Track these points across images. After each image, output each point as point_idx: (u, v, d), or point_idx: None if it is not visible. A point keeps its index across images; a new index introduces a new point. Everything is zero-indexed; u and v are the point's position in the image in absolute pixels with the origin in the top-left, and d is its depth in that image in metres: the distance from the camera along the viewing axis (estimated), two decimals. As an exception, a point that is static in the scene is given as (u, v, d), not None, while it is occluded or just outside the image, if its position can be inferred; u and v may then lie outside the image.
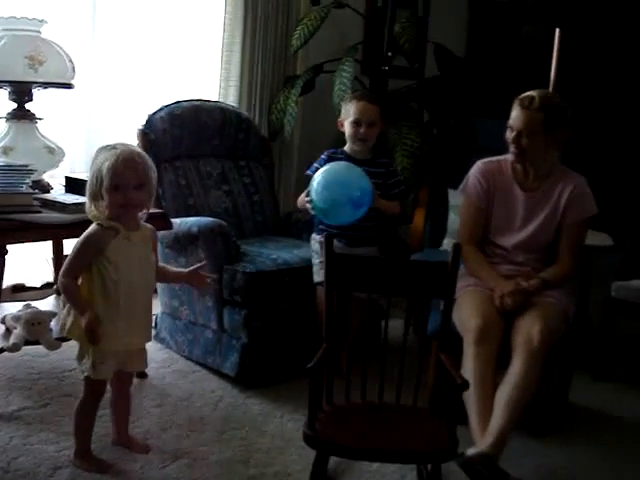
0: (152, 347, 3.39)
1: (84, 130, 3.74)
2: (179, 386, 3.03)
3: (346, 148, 3.18)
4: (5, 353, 2.79)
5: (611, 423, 3.06)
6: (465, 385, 2.07)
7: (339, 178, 2.89)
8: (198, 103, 3.62)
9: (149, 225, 2.38)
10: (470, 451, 2.33)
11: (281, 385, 3.10)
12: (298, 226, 3.72)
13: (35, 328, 2.76)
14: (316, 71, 4.08)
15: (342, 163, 3.00)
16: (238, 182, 3.69)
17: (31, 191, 2.68)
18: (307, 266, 3.17)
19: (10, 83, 2.86)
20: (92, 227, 2.24)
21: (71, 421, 2.58)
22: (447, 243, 3.83)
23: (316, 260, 3.13)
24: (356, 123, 3.10)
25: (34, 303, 3.18)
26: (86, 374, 2.30)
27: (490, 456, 2.32)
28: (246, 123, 3.77)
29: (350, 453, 2.08)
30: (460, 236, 2.98)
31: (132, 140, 3.49)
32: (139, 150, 2.30)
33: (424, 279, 2.30)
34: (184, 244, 3.14)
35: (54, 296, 3.33)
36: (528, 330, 2.59)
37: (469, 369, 2.54)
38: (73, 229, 2.69)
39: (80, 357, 2.31)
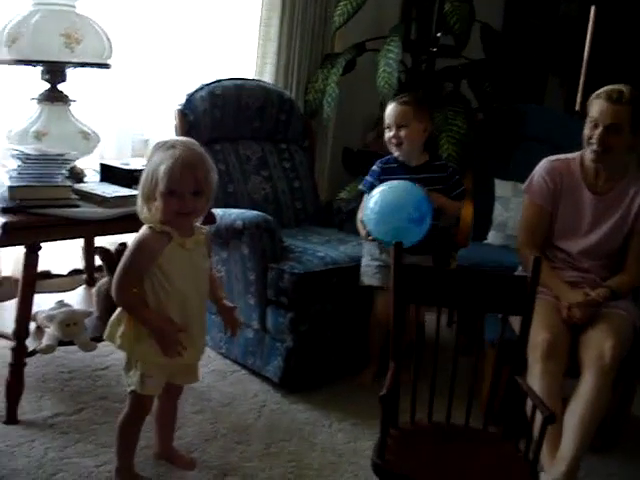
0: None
1: (116, 112, 3.50)
2: (219, 389, 2.86)
3: (396, 155, 2.98)
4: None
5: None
6: (551, 419, 1.90)
7: (390, 207, 2.71)
8: (240, 82, 3.40)
9: (204, 228, 2.19)
10: (543, 479, 2.18)
11: (326, 389, 2.95)
12: (340, 216, 3.53)
13: (70, 329, 2.57)
14: (359, 50, 3.85)
15: (383, 189, 2.78)
16: (278, 167, 3.49)
17: (68, 184, 2.47)
18: (355, 265, 2.99)
19: (45, 63, 2.64)
20: (144, 230, 2.03)
21: (108, 430, 2.46)
22: (492, 236, 3.65)
23: (369, 261, 2.95)
24: (387, 127, 2.94)
25: (63, 295, 3.02)
26: (132, 388, 2.12)
27: (567, 486, 2.18)
28: (289, 104, 3.55)
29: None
30: (521, 238, 2.79)
31: (169, 121, 3.29)
32: (200, 151, 2.08)
33: (500, 293, 2.12)
34: (226, 238, 2.94)
35: (84, 287, 3.16)
36: (599, 345, 2.42)
37: (537, 387, 2.37)
38: (114, 225, 2.53)
39: (127, 369, 2.13)
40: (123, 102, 3.51)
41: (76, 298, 3.05)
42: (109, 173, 2.80)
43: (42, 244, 2.46)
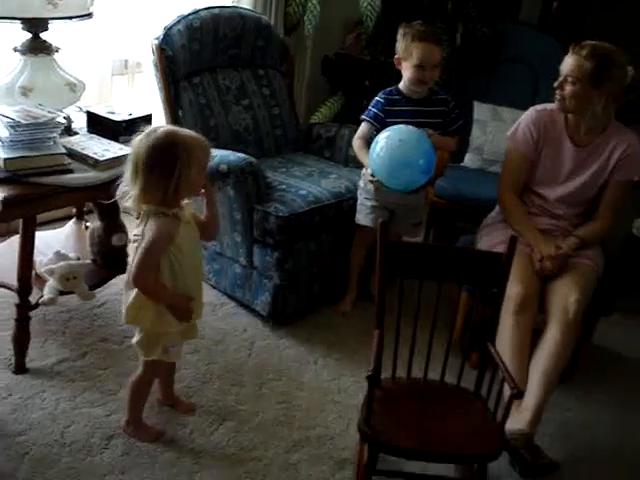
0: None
1: (95, 35, 3.43)
2: (210, 325, 3.05)
3: (402, 87, 2.99)
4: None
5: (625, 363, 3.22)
6: (519, 395, 2.12)
7: (400, 163, 2.75)
8: (217, 11, 3.34)
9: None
10: (509, 428, 2.43)
11: (310, 320, 3.18)
12: (320, 142, 3.60)
13: (70, 282, 2.69)
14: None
15: (391, 139, 2.78)
16: (257, 94, 3.51)
17: (62, 150, 2.51)
18: (337, 202, 3.12)
19: (28, 20, 2.58)
20: (161, 220, 2.09)
21: (112, 376, 2.68)
22: (469, 159, 3.77)
23: (363, 199, 3.07)
24: (420, 67, 2.90)
25: (54, 233, 3.13)
26: (154, 358, 2.28)
27: (530, 436, 2.45)
28: (266, 30, 3.52)
29: (408, 455, 2.16)
30: (502, 183, 2.94)
31: (147, 55, 3.26)
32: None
33: (477, 269, 2.29)
34: (211, 179, 3.01)
35: (73, 221, 3.24)
36: (564, 298, 2.64)
37: (507, 338, 2.60)
38: (106, 189, 2.59)
39: (147, 344, 2.27)
40: (102, 24, 3.43)
41: (67, 233, 3.17)
42: (96, 123, 2.82)
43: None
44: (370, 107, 3.04)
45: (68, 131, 2.81)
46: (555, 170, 2.84)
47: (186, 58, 3.22)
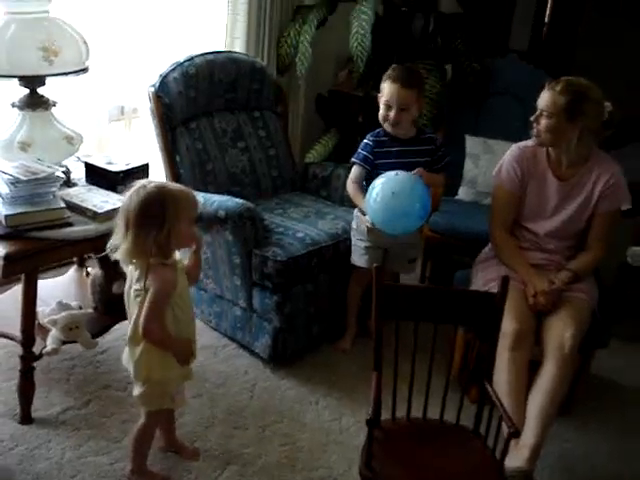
0: (176, 313, 3.47)
1: (92, 84, 3.49)
2: (212, 367, 3.10)
3: (386, 128, 3.04)
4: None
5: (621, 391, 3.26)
6: (516, 434, 2.15)
7: (399, 210, 2.79)
8: (211, 57, 3.40)
9: None
10: (508, 465, 2.46)
11: (310, 361, 3.21)
12: (315, 181, 3.66)
13: (72, 332, 2.73)
14: (331, 6, 3.82)
15: (385, 190, 2.80)
16: (253, 136, 3.57)
17: (61, 204, 2.56)
18: (333, 243, 3.16)
19: (25, 78, 2.65)
20: (162, 270, 2.15)
21: (116, 423, 2.71)
22: (463, 192, 3.82)
23: (356, 240, 3.13)
24: (387, 106, 2.97)
25: (56, 281, 3.18)
26: (157, 408, 2.34)
27: (529, 473, 2.48)
28: (260, 73, 3.58)
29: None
30: (492, 222, 2.98)
31: (144, 102, 3.32)
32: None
33: (470, 309, 2.33)
34: (209, 224, 3.07)
35: (74, 268, 3.29)
36: (560, 333, 2.67)
37: (504, 375, 2.63)
38: (105, 240, 2.62)
39: (150, 395, 2.30)
40: (98, 72, 3.50)
41: (68, 281, 3.22)
42: (94, 174, 2.88)
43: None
44: (359, 150, 3.10)
45: (67, 183, 2.87)
46: (541, 205, 2.89)
47: (183, 105, 3.29)
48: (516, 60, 4.05)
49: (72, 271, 3.28)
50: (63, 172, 2.88)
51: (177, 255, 2.27)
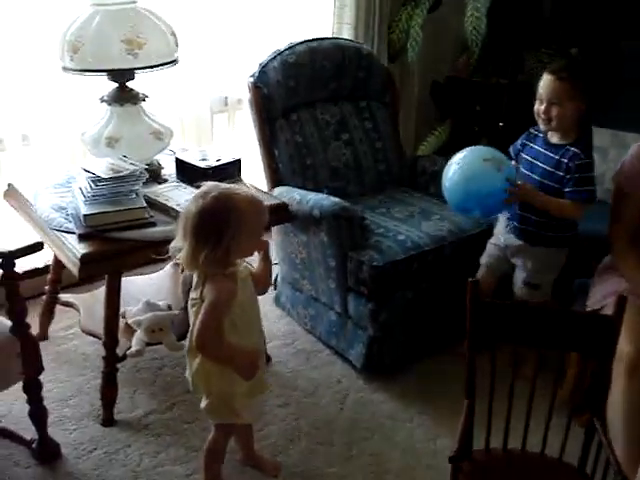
0: (273, 313, 3.34)
1: (193, 71, 3.41)
2: (303, 374, 2.94)
3: (540, 125, 2.70)
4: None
5: None
6: (626, 482, 1.85)
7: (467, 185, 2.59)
8: (314, 44, 3.21)
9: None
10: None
11: (408, 374, 2.96)
12: (425, 177, 3.40)
13: (156, 334, 2.66)
14: (444, -14, 3.55)
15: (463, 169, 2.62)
16: (359, 128, 3.35)
17: (143, 204, 2.47)
18: (436, 247, 2.90)
19: (109, 72, 2.57)
20: (221, 283, 1.96)
21: (197, 430, 2.60)
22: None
23: (492, 239, 2.93)
24: (539, 100, 2.63)
25: (149, 277, 3.13)
26: (227, 422, 2.21)
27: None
28: (367, 59, 3.35)
29: None
30: (611, 230, 2.62)
31: (244, 93, 3.19)
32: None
33: (580, 332, 2.02)
34: (305, 224, 2.91)
35: (170, 265, 3.22)
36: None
37: (618, 405, 2.31)
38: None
39: (217, 410, 2.17)
40: (199, 61, 3.41)
41: (164, 278, 3.16)
42: (184, 170, 2.78)
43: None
44: (517, 141, 2.85)
45: (157, 178, 2.79)
46: None
47: (282, 95, 3.12)
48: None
49: (168, 267, 3.21)
50: (153, 168, 2.81)
51: (241, 264, 2.10)
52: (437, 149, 3.77)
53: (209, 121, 3.49)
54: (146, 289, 3.03)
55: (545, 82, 2.62)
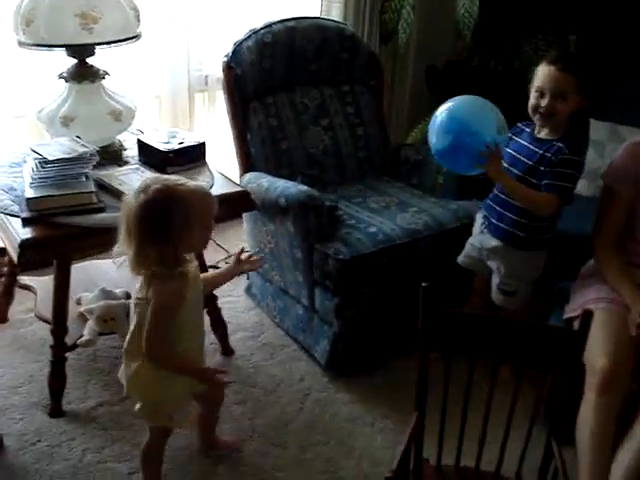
0: (243, 303, 3.22)
1: (171, 47, 3.26)
2: (265, 370, 2.81)
3: (536, 121, 2.50)
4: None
5: None
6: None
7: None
8: (292, 24, 3.05)
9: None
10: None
11: (374, 375, 2.81)
12: (407, 166, 3.24)
13: (108, 324, 2.55)
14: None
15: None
16: (340, 113, 3.19)
17: (92, 188, 2.34)
18: (410, 241, 2.74)
19: (64, 47, 2.44)
20: (169, 286, 1.85)
21: (145, 426, 2.47)
22: (583, 185, 3.20)
23: (470, 238, 2.76)
24: (539, 92, 2.42)
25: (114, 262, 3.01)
26: (158, 425, 2.11)
27: None
28: (350, 40, 3.18)
29: None
30: (595, 232, 2.46)
31: (218, 73, 3.05)
32: None
33: (544, 348, 1.86)
34: (272, 213, 2.77)
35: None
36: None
37: (586, 423, 2.15)
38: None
39: (150, 412, 2.08)
40: (179, 37, 3.26)
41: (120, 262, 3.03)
42: (146, 152, 2.64)
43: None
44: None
45: (117, 160, 2.67)
46: None
47: (256, 76, 2.97)
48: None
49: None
50: (114, 149, 2.69)
51: (191, 261, 1.98)
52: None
53: (187, 100, 3.35)
54: (108, 274, 2.91)
55: (546, 73, 2.41)
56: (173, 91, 3.30)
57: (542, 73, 2.44)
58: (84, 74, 2.56)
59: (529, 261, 2.60)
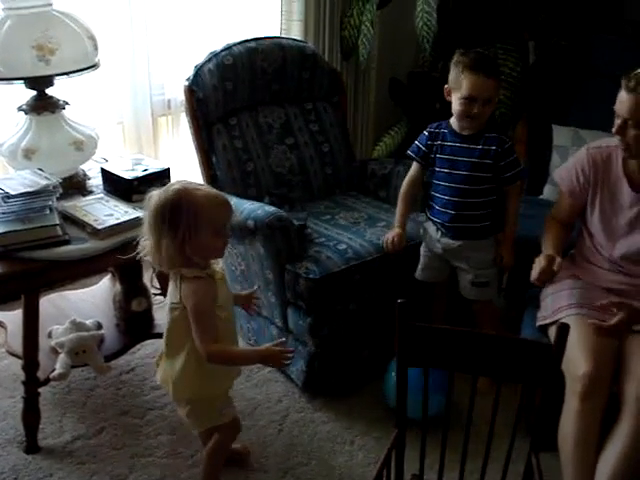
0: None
1: (133, 72, 3.23)
2: (242, 393, 2.78)
3: (451, 121, 2.62)
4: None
5: None
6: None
7: None
8: (253, 44, 3.04)
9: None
10: None
11: (352, 394, 2.81)
12: (374, 180, 3.25)
13: (79, 357, 2.52)
14: (393, -19, 3.38)
15: None
16: (304, 131, 3.20)
17: (56, 221, 2.31)
18: (381, 256, 2.74)
19: (22, 79, 2.42)
20: (196, 284, 1.92)
21: (124, 457, 2.48)
22: (549, 190, 3.29)
23: (422, 249, 2.80)
24: (468, 99, 2.48)
25: (83, 292, 2.99)
26: (214, 424, 2.17)
27: None
28: (311, 59, 3.19)
29: None
30: (551, 212, 2.61)
31: (181, 96, 3.03)
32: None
33: (519, 361, 1.86)
34: (241, 235, 2.76)
35: (107, 278, 3.08)
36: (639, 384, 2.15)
37: (569, 427, 2.16)
38: (107, 259, 2.39)
39: (198, 416, 2.12)
40: (139, 61, 3.24)
41: (101, 291, 3.01)
42: (110, 181, 2.63)
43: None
44: (415, 142, 2.73)
45: (82, 190, 2.65)
46: (612, 223, 2.38)
47: (219, 99, 2.96)
48: (623, 35, 3.41)
49: (105, 280, 3.07)
50: (77, 179, 2.67)
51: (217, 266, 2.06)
52: (393, 150, 3.61)
53: (150, 125, 3.33)
54: (79, 305, 2.89)
55: (474, 82, 2.47)
56: (136, 117, 3.27)
57: (470, 82, 2.50)
58: (44, 105, 2.54)
59: (493, 246, 2.70)
